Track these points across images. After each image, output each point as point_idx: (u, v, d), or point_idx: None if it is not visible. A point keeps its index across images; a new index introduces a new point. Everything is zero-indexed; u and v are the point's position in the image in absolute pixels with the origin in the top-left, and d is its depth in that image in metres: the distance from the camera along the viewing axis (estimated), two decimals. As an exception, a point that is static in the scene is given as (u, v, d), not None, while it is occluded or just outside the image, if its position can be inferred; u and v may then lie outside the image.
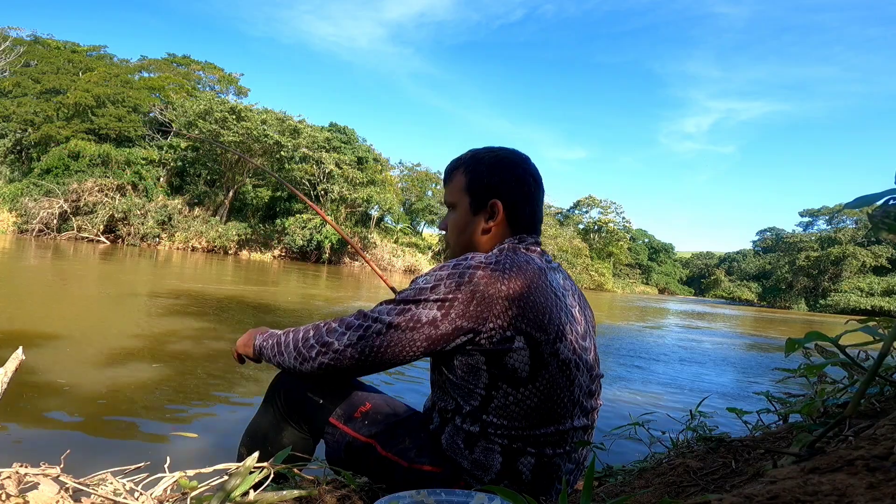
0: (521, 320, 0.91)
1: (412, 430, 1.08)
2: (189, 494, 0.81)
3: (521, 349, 0.92)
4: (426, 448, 1.04)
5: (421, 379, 3.92)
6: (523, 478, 0.96)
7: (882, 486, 0.34)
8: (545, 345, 0.93)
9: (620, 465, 1.41)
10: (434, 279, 0.95)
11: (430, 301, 0.93)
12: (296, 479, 0.99)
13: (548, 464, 0.97)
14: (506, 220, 1.07)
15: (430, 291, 0.93)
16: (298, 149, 28.26)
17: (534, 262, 0.99)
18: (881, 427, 0.53)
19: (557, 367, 0.95)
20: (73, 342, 3.91)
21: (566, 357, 0.96)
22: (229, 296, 8.35)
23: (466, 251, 1.09)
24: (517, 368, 0.93)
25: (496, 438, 0.96)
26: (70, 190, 23.21)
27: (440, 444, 1.03)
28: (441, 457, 1.02)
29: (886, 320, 0.74)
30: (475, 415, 0.97)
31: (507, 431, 0.95)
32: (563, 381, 0.96)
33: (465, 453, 0.99)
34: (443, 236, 1.20)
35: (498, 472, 0.96)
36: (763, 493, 0.37)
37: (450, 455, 1.01)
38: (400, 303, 0.95)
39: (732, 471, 0.80)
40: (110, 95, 27.80)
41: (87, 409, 2.53)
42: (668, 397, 4.27)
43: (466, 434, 0.98)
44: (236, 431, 1.27)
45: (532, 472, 0.96)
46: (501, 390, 0.94)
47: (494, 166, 1.09)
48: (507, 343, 0.91)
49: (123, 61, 33.44)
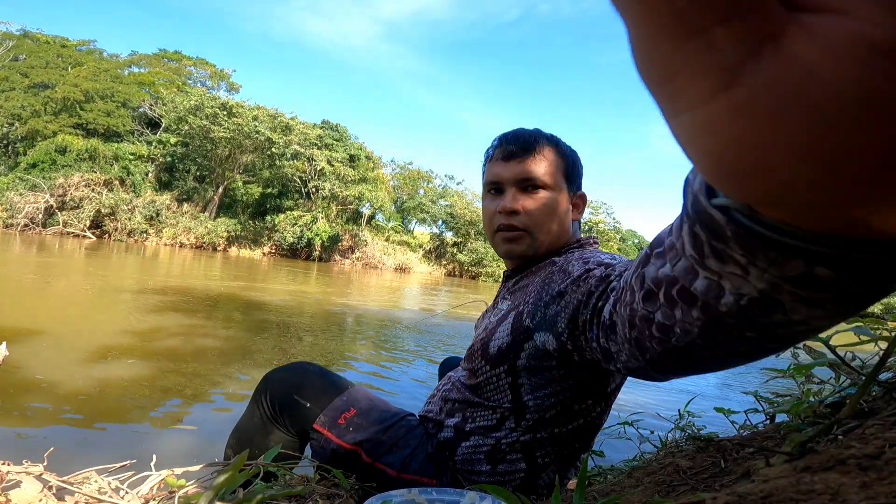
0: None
1: (402, 437, 1.04)
2: (176, 493, 0.80)
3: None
4: (418, 456, 1.01)
5: (420, 380, 3.91)
6: (540, 492, 0.95)
7: (875, 484, 0.34)
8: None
9: (610, 464, 1.41)
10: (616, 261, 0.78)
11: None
12: (285, 478, 0.98)
13: (560, 478, 0.96)
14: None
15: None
16: (290, 146, 28.11)
17: None
18: (870, 427, 0.53)
19: (617, 388, 0.94)
20: (57, 338, 3.86)
21: (622, 380, 0.95)
22: (218, 292, 8.28)
23: (551, 237, 0.98)
24: (607, 384, 0.89)
25: (536, 452, 0.91)
26: (56, 185, 22.92)
27: (443, 456, 0.99)
28: (439, 467, 0.99)
29: (872, 321, 0.75)
30: (539, 424, 0.90)
31: (554, 447, 0.91)
32: (608, 409, 0.96)
33: (483, 468, 0.94)
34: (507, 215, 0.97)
35: (516, 487, 0.92)
36: (757, 492, 0.37)
37: (457, 468, 0.97)
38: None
39: (722, 470, 0.81)
40: (99, 90, 27.55)
41: (71, 406, 2.50)
42: (657, 397, 4.30)
43: (500, 447, 0.92)
44: (224, 430, 1.26)
45: (546, 486, 0.95)
46: (586, 405, 0.89)
47: (578, 159, 1.03)
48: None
49: (113, 56, 33.18)
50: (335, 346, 4.94)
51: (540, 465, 0.93)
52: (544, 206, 0.96)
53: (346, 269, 24.66)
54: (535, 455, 0.92)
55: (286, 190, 31.26)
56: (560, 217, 0.98)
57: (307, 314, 7.20)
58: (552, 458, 0.93)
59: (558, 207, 0.97)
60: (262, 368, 3.36)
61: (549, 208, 0.97)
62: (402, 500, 0.72)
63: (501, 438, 0.92)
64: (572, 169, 1.01)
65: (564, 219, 0.99)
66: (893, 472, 0.35)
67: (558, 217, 0.98)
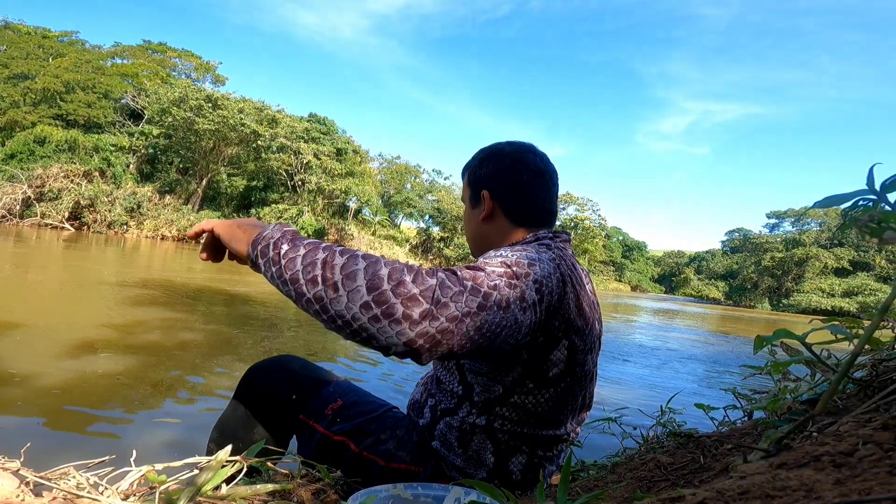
0: (572, 324, 0.89)
1: (388, 427, 1.05)
2: (157, 489, 0.79)
3: (562, 351, 0.90)
4: (405, 445, 1.02)
5: (411, 376, 3.91)
6: (513, 477, 0.96)
7: (849, 481, 0.35)
8: (580, 354, 0.92)
9: (593, 459, 1.43)
10: (527, 258, 0.81)
11: (531, 282, 0.78)
12: (269, 473, 0.97)
13: (537, 465, 0.97)
14: (503, 213, 1.05)
15: (528, 267, 0.79)
16: (276, 139, 27.82)
17: (569, 259, 0.95)
18: (844, 424, 0.54)
19: (578, 378, 0.95)
20: (34, 332, 3.78)
21: (588, 369, 0.96)
22: (200, 286, 8.18)
23: (475, 244, 1.10)
24: (549, 370, 0.90)
25: (497, 434, 0.94)
26: (34, 175, 22.44)
27: (426, 442, 1.01)
28: (423, 455, 1.00)
29: (848, 320, 0.76)
30: (488, 405, 0.93)
31: (513, 427, 0.93)
32: (576, 391, 0.96)
33: (457, 451, 0.96)
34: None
35: (489, 471, 0.95)
36: (734, 488, 0.38)
37: (438, 453, 0.99)
38: (513, 276, 0.76)
39: (701, 466, 0.82)
40: (80, 81, 27.08)
41: (49, 401, 2.45)
42: (639, 393, 4.36)
43: (465, 428, 0.96)
44: (206, 424, 1.25)
45: (522, 472, 0.96)
46: (526, 388, 0.91)
47: (485, 158, 1.08)
48: (555, 343, 0.89)
49: (96, 47, 32.59)
50: (319, 340, 4.92)
51: (504, 448, 0.95)
52: (463, 219, 1.14)
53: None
54: (497, 437, 0.94)
55: (272, 183, 30.95)
56: (468, 223, 1.12)
57: (291, 308, 7.15)
58: (517, 443, 0.95)
59: (465, 215, 1.13)
60: (246, 362, 3.32)
61: (464, 219, 1.14)
62: (388, 496, 0.72)
63: (463, 419, 0.96)
64: (472, 176, 1.10)
65: (470, 224, 1.10)
66: (866, 469, 0.36)
67: (468, 224, 1.12)
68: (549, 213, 1.06)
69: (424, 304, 0.65)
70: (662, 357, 7.01)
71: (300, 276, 0.70)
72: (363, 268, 0.68)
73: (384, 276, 0.67)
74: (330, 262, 0.70)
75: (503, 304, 0.72)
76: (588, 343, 0.94)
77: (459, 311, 0.67)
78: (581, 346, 0.92)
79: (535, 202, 1.04)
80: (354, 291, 0.66)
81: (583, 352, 0.93)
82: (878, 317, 0.52)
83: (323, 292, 0.68)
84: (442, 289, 0.67)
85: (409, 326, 0.65)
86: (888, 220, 0.48)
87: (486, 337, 0.70)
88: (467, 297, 0.68)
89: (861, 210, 0.53)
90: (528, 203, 1.04)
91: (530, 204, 1.04)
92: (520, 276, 0.77)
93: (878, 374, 0.76)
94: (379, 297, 0.65)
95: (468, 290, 0.69)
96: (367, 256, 0.71)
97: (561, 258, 0.91)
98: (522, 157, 1.05)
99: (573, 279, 0.91)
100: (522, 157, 1.05)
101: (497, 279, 0.73)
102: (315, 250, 0.72)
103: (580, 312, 0.91)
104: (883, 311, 0.51)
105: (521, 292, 0.75)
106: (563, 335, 0.89)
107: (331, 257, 0.70)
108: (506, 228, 1.04)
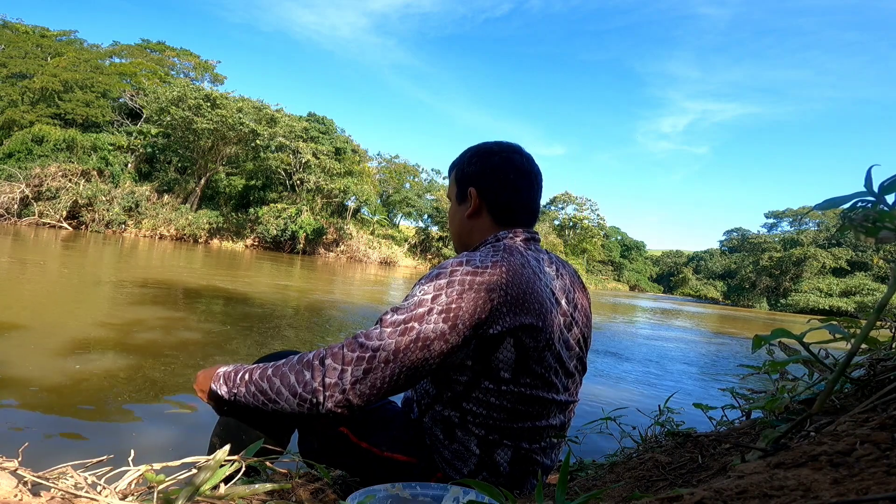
0: (516, 324, 0.89)
1: (386, 420, 1.09)
2: (155, 488, 0.79)
3: (509, 350, 0.91)
4: (401, 438, 1.04)
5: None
6: (501, 470, 0.97)
7: (846, 481, 0.35)
8: (534, 351, 0.93)
9: (591, 459, 1.43)
10: (433, 289, 0.89)
11: (434, 314, 0.87)
12: (268, 473, 0.97)
13: (524, 457, 0.98)
14: (487, 210, 1.08)
15: (431, 302, 0.88)
16: (275, 138, 27.77)
17: (518, 258, 0.96)
18: (842, 423, 0.54)
19: (538, 374, 0.95)
20: (33, 331, 3.77)
21: (549, 364, 0.96)
22: (199, 285, 8.17)
23: (460, 240, 1.14)
24: (500, 368, 0.92)
25: (474, 428, 0.96)
26: (32, 174, 22.39)
27: (419, 435, 1.03)
28: (417, 447, 1.03)
29: (846, 320, 0.77)
30: (455, 402, 0.97)
31: (486, 421, 0.95)
32: (541, 386, 0.96)
33: (444, 443, 0.99)
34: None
35: (476, 464, 0.97)
36: (732, 488, 0.38)
37: (429, 445, 1.01)
38: (401, 323, 0.87)
39: (699, 465, 0.82)
40: (79, 80, 27.01)
41: (47, 400, 2.45)
42: (638, 392, 4.36)
43: (446, 423, 0.99)
44: (205, 424, 1.25)
45: (510, 465, 0.97)
46: (483, 386, 0.94)
47: (473, 155, 1.11)
48: (497, 343, 0.91)
49: (94, 46, 32.52)
50: (318, 338, 4.91)
51: (485, 441, 0.96)
52: (448, 215, 1.20)
53: (330, 263, 24.50)
54: (474, 432, 0.96)
55: (270, 182, 30.91)
56: (452, 219, 1.17)
57: (290, 307, 7.15)
58: (497, 436, 0.96)
59: (451, 212, 1.18)
60: (245, 361, 3.28)
61: (449, 216, 1.20)
62: (387, 495, 0.72)
63: (442, 412, 0.99)
64: (459, 173, 1.13)
65: (455, 220, 1.16)
66: (864, 468, 0.36)
67: (453, 221, 1.17)
68: (531, 213, 1.11)
69: (321, 390, 0.87)
70: (660, 356, 7.02)
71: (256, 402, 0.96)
72: (278, 385, 0.92)
73: (294, 383, 0.90)
74: (265, 388, 0.94)
75: (390, 357, 0.86)
76: (543, 340, 0.93)
77: (348, 383, 0.86)
78: (532, 344, 0.92)
79: (519, 201, 1.08)
80: (285, 400, 0.92)
81: (536, 349, 0.93)
82: (875, 316, 0.52)
83: (275, 408, 0.94)
84: (327, 373, 0.87)
85: (325, 404, 0.88)
86: (884, 220, 0.48)
87: (389, 384, 0.87)
88: (352, 368, 0.86)
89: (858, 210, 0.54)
90: (513, 201, 1.08)
91: (515, 202, 1.08)
92: (419, 317, 0.87)
93: (876, 374, 0.76)
94: (300, 396, 0.90)
95: (353, 362, 0.86)
96: (276, 370, 0.94)
97: (507, 259, 0.93)
98: (510, 157, 1.09)
99: (522, 278, 0.92)
100: (510, 157, 1.09)
101: (387, 337, 0.86)
102: (243, 381, 0.98)
103: (526, 310, 0.90)
104: (879, 310, 0.51)
105: (417, 334, 0.86)
106: (508, 334, 0.90)
107: (264, 384, 0.95)
108: (488, 225, 1.09)
